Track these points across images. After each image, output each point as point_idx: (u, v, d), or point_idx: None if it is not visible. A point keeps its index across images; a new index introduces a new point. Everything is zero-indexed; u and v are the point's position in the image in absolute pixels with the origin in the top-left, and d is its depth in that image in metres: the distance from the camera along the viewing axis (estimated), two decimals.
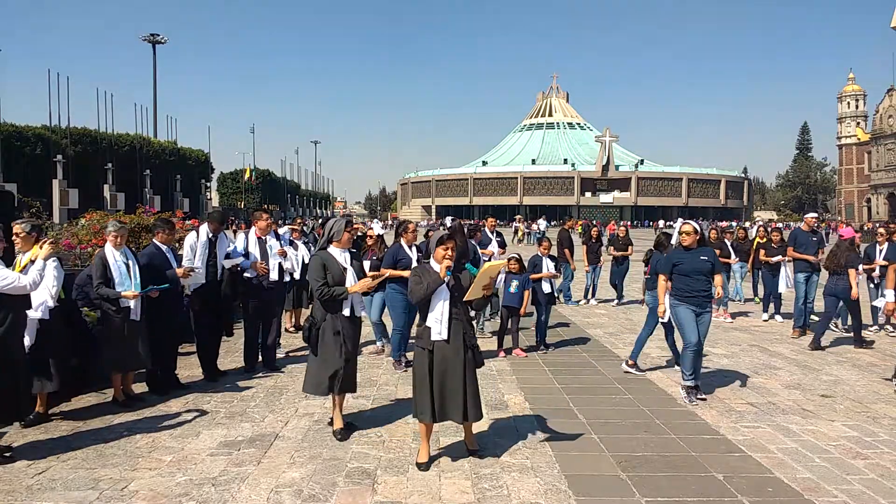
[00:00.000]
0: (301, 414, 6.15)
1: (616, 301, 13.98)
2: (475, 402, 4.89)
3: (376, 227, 9.30)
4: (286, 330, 10.21)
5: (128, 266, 6.34)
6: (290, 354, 8.72)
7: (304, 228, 12.69)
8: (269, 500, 4.32)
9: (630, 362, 7.91)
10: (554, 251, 10.52)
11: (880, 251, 10.50)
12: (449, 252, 4.84)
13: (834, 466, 4.96)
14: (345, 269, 5.48)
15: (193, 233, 7.50)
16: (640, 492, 4.46)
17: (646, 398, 6.77)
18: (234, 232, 8.09)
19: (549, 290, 9.26)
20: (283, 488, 4.49)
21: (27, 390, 5.31)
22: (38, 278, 4.99)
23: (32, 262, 5.11)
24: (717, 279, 6.80)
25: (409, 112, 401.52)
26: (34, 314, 5.49)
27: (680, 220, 7.18)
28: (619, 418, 6.09)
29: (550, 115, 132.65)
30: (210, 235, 7.44)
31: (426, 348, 4.81)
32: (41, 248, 5.15)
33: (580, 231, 32.36)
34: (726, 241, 13.13)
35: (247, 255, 7.68)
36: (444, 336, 4.78)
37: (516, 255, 8.96)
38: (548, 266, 9.28)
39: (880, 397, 6.88)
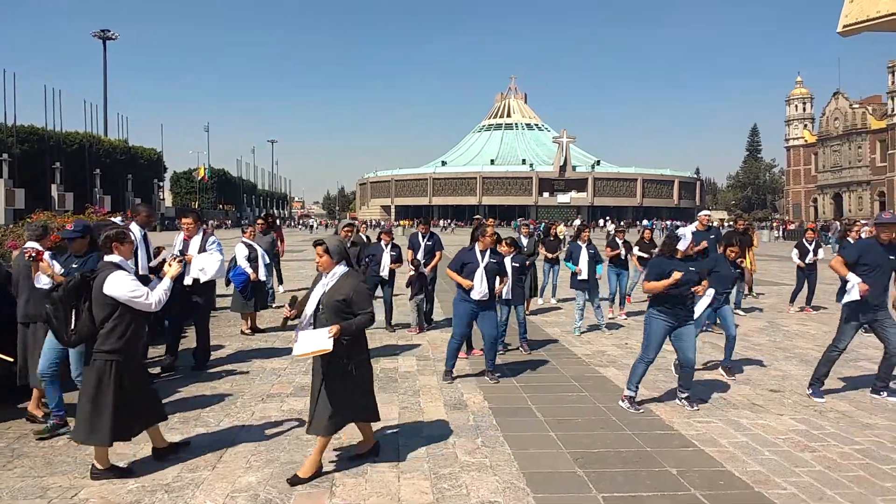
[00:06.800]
0: (258, 417, 6.07)
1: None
2: (332, 411, 4.62)
3: None
4: (241, 332, 10.08)
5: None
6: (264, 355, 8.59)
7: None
8: None
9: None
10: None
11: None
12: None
13: (783, 459, 5.10)
14: None
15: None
16: (596, 487, 4.52)
17: (602, 395, 6.86)
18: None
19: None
20: (238, 493, 4.42)
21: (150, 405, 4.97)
22: (163, 297, 4.74)
23: None
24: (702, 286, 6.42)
25: (369, 112, 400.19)
26: None
27: (692, 226, 6.66)
28: (576, 416, 6.16)
29: (509, 115, 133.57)
30: (142, 232, 7.34)
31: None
32: (170, 265, 4.91)
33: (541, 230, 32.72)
34: (617, 240, 12.43)
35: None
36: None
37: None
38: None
39: (826, 391, 7.10)
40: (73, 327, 4.64)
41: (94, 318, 4.60)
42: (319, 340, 4.49)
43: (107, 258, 4.74)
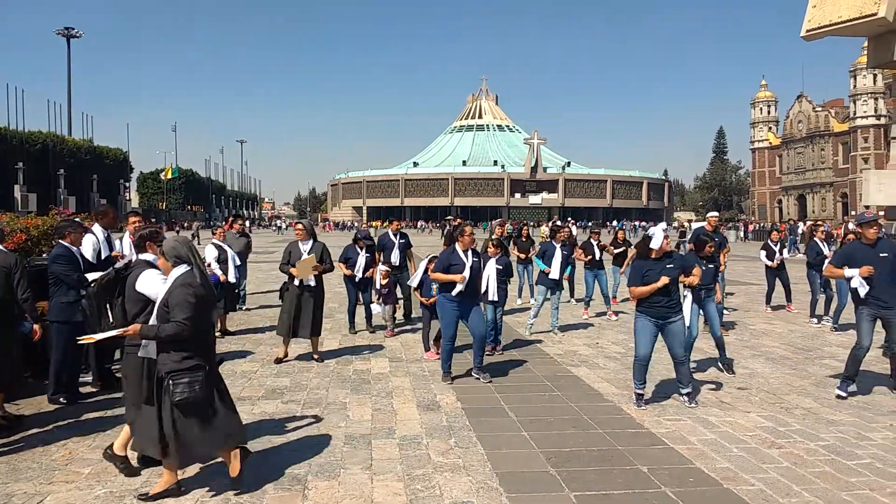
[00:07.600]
0: None
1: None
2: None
3: None
4: None
5: None
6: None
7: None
8: None
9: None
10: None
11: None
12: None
13: (750, 456, 5.19)
14: None
15: (90, 235, 7.16)
16: (568, 486, 4.56)
17: (574, 394, 6.92)
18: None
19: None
20: (210, 497, 4.36)
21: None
22: None
23: None
24: (696, 271, 6.61)
25: (340, 113, 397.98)
26: None
27: (662, 224, 6.87)
28: (548, 415, 6.20)
29: (480, 116, 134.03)
30: (106, 234, 7.24)
31: None
32: None
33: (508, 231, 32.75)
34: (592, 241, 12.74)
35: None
36: None
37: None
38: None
39: (793, 388, 7.25)
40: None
41: (126, 314, 4.70)
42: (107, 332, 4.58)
43: (140, 256, 4.90)
